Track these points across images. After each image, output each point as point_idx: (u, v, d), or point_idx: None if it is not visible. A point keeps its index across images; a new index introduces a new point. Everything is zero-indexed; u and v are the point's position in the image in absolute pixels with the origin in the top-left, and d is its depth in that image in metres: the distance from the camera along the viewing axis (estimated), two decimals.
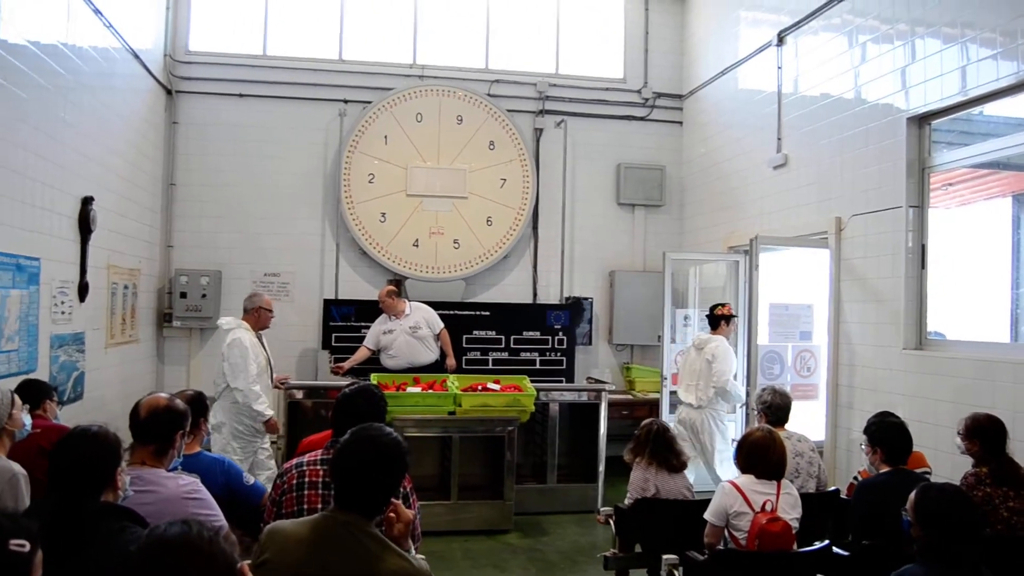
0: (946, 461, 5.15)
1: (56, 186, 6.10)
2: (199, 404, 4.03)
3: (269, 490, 3.63)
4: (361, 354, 8.20)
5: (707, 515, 4.14)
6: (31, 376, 5.23)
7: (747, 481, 4.10)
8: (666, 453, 5.05)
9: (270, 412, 6.49)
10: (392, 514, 2.59)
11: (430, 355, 8.14)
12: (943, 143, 6.12)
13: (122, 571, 1.92)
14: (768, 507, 3.99)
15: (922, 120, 6.11)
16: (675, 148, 10.31)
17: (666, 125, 10.32)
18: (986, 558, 2.98)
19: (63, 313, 6.25)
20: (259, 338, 6.82)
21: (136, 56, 7.94)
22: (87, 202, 6.60)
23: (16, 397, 3.79)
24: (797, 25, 7.59)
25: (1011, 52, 5.23)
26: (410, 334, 8.08)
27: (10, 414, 3.66)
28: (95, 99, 6.92)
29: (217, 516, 3.28)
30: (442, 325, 8.28)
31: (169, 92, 9.13)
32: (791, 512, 4.05)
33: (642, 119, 10.26)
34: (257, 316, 6.81)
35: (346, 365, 8.15)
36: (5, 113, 5.26)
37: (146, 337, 8.67)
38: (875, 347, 6.39)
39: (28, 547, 1.83)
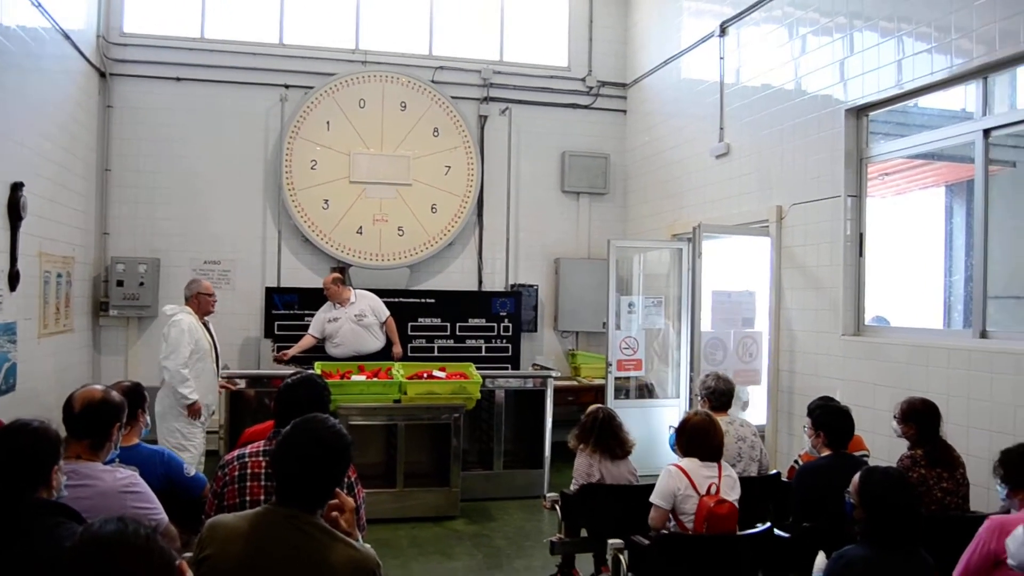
0: (883, 444, 5.29)
1: None
2: (137, 395, 3.93)
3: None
4: (306, 342, 8.11)
5: (653, 498, 4.18)
6: None
7: (691, 464, 4.16)
8: (610, 441, 5.08)
9: (194, 396, 6.40)
10: (335, 512, 2.54)
11: (376, 343, 8.09)
12: (880, 134, 6.27)
13: (55, 570, 1.86)
14: (712, 489, 4.05)
15: (860, 111, 6.24)
16: (619, 136, 10.36)
17: (610, 114, 10.36)
18: (921, 537, 3.06)
19: None
20: (205, 324, 6.75)
21: (67, 37, 7.68)
22: (17, 188, 6.37)
23: None
24: (739, 16, 7.68)
25: (945, 46, 5.37)
26: (355, 322, 8.02)
27: None
28: (23, 81, 6.67)
29: (156, 510, 3.21)
30: (388, 313, 8.23)
31: (103, 75, 8.87)
32: (731, 494, 4.12)
33: (586, 107, 10.30)
34: (198, 302, 6.76)
35: (290, 353, 8.06)
36: None
37: (81, 327, 8.43)
38: (815, 333, 6.52)
39: None
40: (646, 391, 8.67)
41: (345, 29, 9.75)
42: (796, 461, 4.98)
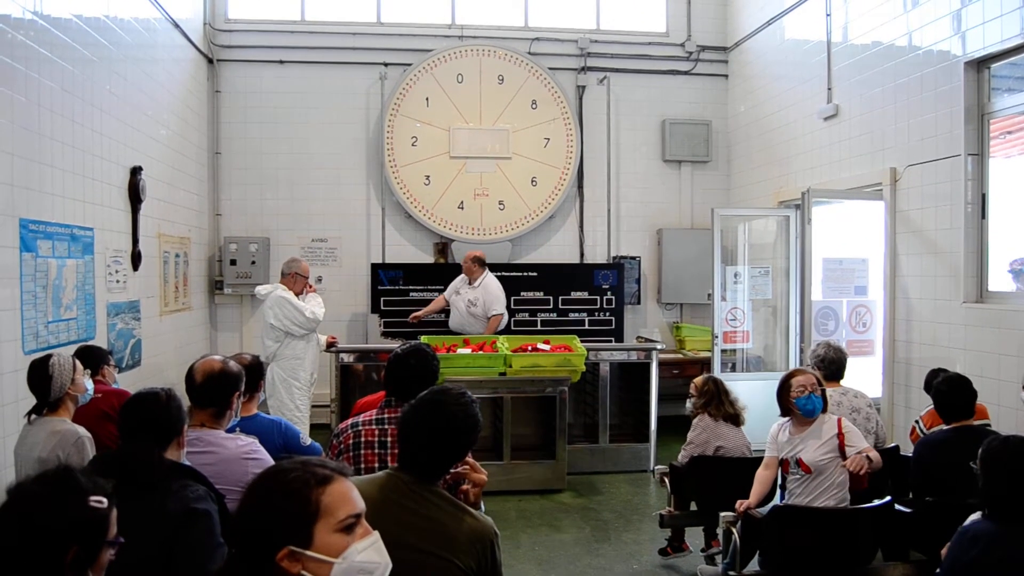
0: (1010, 416, 5.03)
1: (105, 157, 6.16)
2: (257, 368, 4.07)
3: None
4: (436, 303, 8.51)
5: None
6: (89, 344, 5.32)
7: None
8: (729, 406, 5.09)
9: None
10: (468, 482, 2.58)
11: (476, 331, 8.18)
12: (1003, 89, 5.90)
13: (186, 522, 2.46)
14: None
15: (980, 64, 5.88)
16: (721, 102, 10.10)
17: (711, 79, 10.10)
18: None
19: (118, 282, 6.34)
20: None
21: (176, 25, 7.96)
22: (136, 172, 6.68)
23: (78, 363, 3.87)
24: None
25: None
26: (466, 307, 8.18)
27: (73, 379, 3.74)
28: (139, 70, 6.95)
29: None
30: (497, 312, 8.18)
31: (210, 61, 9.16)
32: None
33: (686, 73, 10.06)
34: (294, 281, 7.00)
35: (421, 314, 8.42)
36: (55, 86, 5.30)
37: (199, 304, 8.80)
38: (933, 301, 6.24)
39: (106, 503, 1.88)
40: (754, 363, 8.49)
41: (441, 4, 9.78)
42: (917, 421, 4.78)
